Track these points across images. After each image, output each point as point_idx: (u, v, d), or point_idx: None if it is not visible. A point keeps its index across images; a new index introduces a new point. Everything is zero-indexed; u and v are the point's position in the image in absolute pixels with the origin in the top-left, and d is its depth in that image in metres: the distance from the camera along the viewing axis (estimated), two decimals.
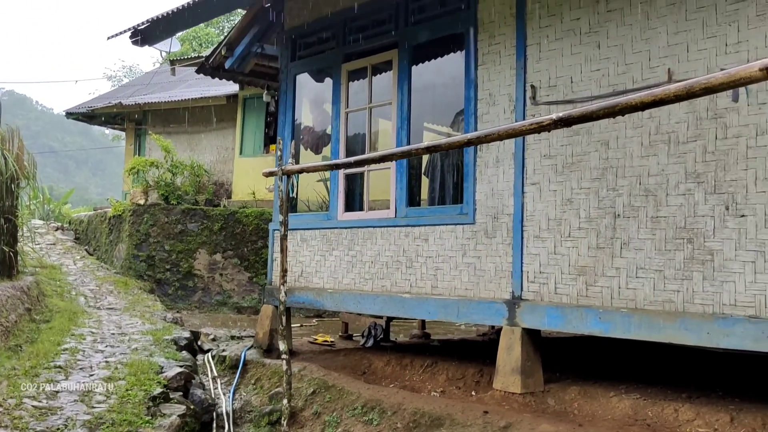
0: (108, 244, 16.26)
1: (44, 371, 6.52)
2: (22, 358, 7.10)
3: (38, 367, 6.62)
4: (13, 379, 6.22)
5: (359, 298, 7.35)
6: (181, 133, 19.57)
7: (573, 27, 5.79)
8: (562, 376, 6.32)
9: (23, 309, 9.02)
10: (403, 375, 7.18)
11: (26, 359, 7.04)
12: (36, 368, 6.58)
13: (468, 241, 6.44)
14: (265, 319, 8.35)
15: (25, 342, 7.96)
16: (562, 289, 5.69)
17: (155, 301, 12.84)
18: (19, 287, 9.35)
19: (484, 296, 6.26)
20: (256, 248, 15.05)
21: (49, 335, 8.21)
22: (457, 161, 7.26)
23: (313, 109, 9.69)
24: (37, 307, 9.84)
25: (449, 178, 7.53)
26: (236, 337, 10.74)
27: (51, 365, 6.74)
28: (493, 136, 3.16)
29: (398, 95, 7.21)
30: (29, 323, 8.87)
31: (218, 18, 37.70)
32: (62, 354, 7.29)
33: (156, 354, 7.61)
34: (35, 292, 10.12)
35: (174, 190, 15.83)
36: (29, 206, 14.63)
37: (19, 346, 7.75)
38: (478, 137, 3.43)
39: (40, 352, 7.23)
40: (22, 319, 8.71)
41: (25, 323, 8.73)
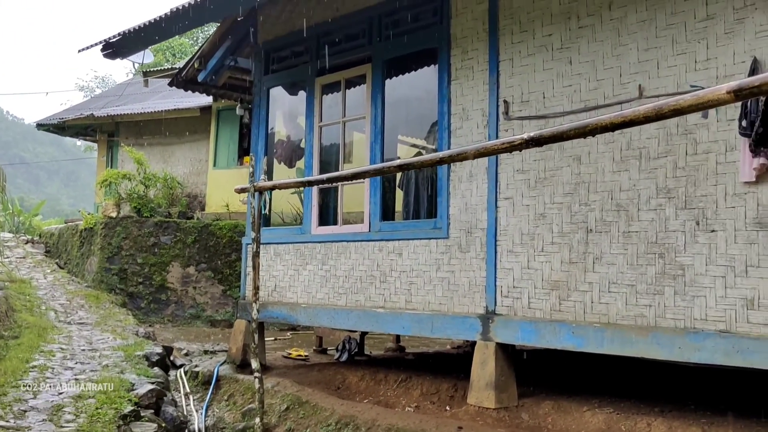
0: (79, 257, 16.06)
1: (12, 390, 6.40)
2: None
3: (6, 386, 6.50)
4: None
5: (333, 313, 7.32)
6: (154, 144, 19.43)
7: (545, 43, 5.83)
8: (536, 390, 6.33)
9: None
10: (377, 390, 7.15)
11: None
12: (3, 387, 6.46)
13: (442, 255, 6.44)
14: (238, 334, 8.28)
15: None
16: (536, 303, 5.71)
17: (127, 316, 12.69)
18: None
19: (458, 311, 6.26)
20: (230, 261, 14.95)
21: (18, 352, 8.07)
22: (431, 175, 7.27)
23: (287, 122, 9.66)
24: (6, 322, 9.68)
25: (423, 191, 7.54)
26: (209, 351, 10.64)
27: (19, 383, 6.62)
28: (465, 155, 3.16)
29: (372, 109, 7.21)
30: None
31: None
32: (31, 372, 7.17)
33: (127, 371, 7.52)
34: (4, 308, 9.96)
35: (147, 202, 15.69)
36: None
37: None
38: (450, 156, 3.43)
39: (8, 370, 7.10)
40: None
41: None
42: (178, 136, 19.27)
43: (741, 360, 4.50)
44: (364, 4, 7.32)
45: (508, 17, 6.10)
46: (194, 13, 7.01)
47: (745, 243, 4.57)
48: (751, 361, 4.45)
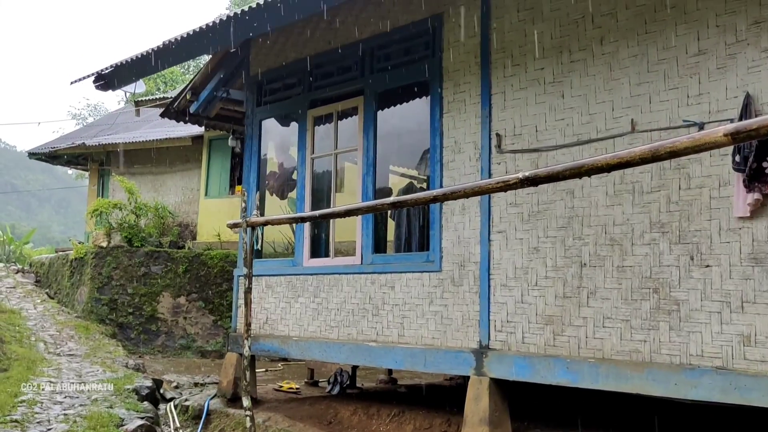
0: (70, 287, 15.93)
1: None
2: None
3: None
4: None
5: (325, 346, 7.25)
6: (145, 173, 19.39)
7: (537, 76, 5.85)
8: (530, 424, 6.26)
9: None
10: (369, 425, 7.06)
11: None
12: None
13: (435, 289, 6.40)
14: (229, 367, 8.19)
15: None
16: (530, 338, 5.67)
17: (117, 347, 12.55)
18: None
19: (451, 345, 6.20)
20: (221, 291, 14.85)
21: (6, 386, 7.95)
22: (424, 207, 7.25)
23: (279, 153, 9.65)
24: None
25: (416, 224, 7.52)
26: (200, 384, 10.53)
27: (7, 419, 6.51)
28: (459, 193, 3.14)
29: (364, 142, 7.21)
30: None
31: None
32: (19, 407, 7.06)
33: (116, 405, 7.41)
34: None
35: (138, 232, 15.60)
36: None
37: None
38: (444, 194, 3.41)
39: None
40: None
41: None
42: (169, 165, 19.24)
43: (739, 397, 4.45)
44: (356, 37, 7.35)
45: (500, 51, 6.13)
46: (186, 46, 7.03)
47: (740, 278, 4.55)
48: (749, 399, 4.41)
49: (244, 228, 5.07)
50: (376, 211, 3.78)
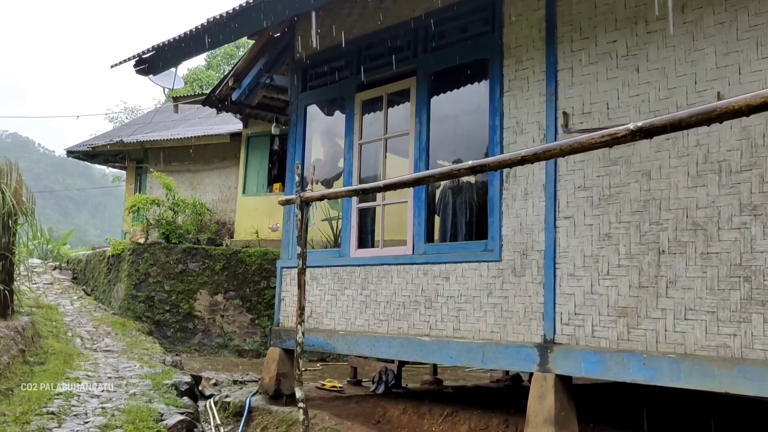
0: (106, 284, 15.78)
1: (36, 418, 6.02)
2: (12, 403, 6.60)
3: (30, 414, 6.13)
4: (2, 426, 5.72)
5: (374, 340, 6.87)
6: (182, 171, 19.23)
7: (609, 50, 5.43)
8: (596, 427, 5.82)
9: (17, 350, 8.53)
10: (420, 425, 6.67)
11: (17, 404, 6.55)
12: (27, 414, 6.09)
13: (494, 279, 5.99)
14: (271, 363, 7.85)
15: (17, 385, 7.46)
16: (601, 332, 5.23)
17: (154, 344, 12.32)
18: (13, 327, 8.88)
19: (512, 340, 5.78)
20: (259, 289, 14.56)
21: (43, 378, 7.71)
22: (480, 194, 6.85)
23: (324, 142, 9.30)
24: (32, 348, 9.35)
25: (470, 212, 7.11)
26: (239, 381, 10.23)
27: (43, 411, 6.24)
28: (554, 151, 2.75)
29: (416, 125, 6.83)
30: (22, 365, 8.37)
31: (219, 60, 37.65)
32: (56, 399, 6.79)
33: (155, 400, 7.11)
34: (30, 333, 9.64)
35: (175, 228, 15.40)
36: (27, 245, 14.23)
37: (10, 389, 7.26)
38: (534, 154, 3.01)
39: (32, 397, 6.73)
40: (15, 360, 8.22)
41: (18, 365, 8.24)
42: (206, 162, 19.07)
43: None
44: (408, 15, 6.98)
45: (566, 24, 5.71)
46: (231, 23, 6.72)
47: None
48: None
49: (298, 204, 4.71)
50: (451, 177, 3.42)
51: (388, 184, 4.00)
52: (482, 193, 6.53)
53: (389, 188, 4.01)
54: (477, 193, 7.43)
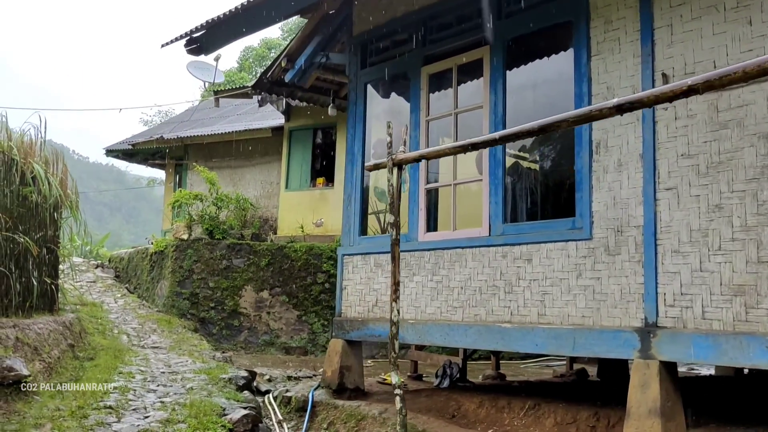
0: (149, 281, 15.50)
1: (93, 412, 5.67)
2: (67, 398, 6.26)
3: (86, 408, 5.77)
4: (59, 422, 5.37)
5: (447, 329, 6.41)
6: (223, 167, 18.93)
7: (715, 3, 4.91)
8: (699, 419, 5.30)
9: (66, 345, 8.21)
10: (500, 419, 6.20)
11: (72, 398, 6.20)
12: (84, 409, 5.73)
13: (583, 259, 5.50)
14: (334, 356, 7.43)
15: (69, 380, 7.12)
16: (713, 313, 4.72)
17: (201, 341, 11.99)
18: (61, 322, 8.57)
19: (606, 324, 5.29)
20: (305, 285, 14.16)
21: (96, 373, 7.38)
22: (566, 168, 6.36)
23: (386, 121, 8.80)
24: (80, 343, 9.04)
25: (554, 187, 6.62)
26: (293, 377, 9.82)
27: (101, 405, 5.89)
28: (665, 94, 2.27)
29: (491, 96, 6.37)
30: (72, 360, 8.05)
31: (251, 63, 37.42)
32: (112, 393, 6.43)
33: (215, 394, 6.72)
34: (77, 329, 9.33)
35: (218, 224, 15.06)
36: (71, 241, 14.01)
37: (62, 384, 6.92)
38: (639, 100, 2.53)
39: (87, 392, 6.38)
40: (65, 355, 7.90)
41: (68, 360, 7.91)
42: (248, 158, 18.76)
43: None
44: None
45: None
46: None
47: None
48: None
49: (390, 167, 4.26)
50: (591, 119, 2.96)
51: (506, 135, 3.52)
52: (566, 168, 6.03)
53: (505, 140, 3.55)
54: (569, 164, 6.91)
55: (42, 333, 7.49)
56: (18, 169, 8.21)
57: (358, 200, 7.63)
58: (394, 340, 4.21)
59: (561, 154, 6.72)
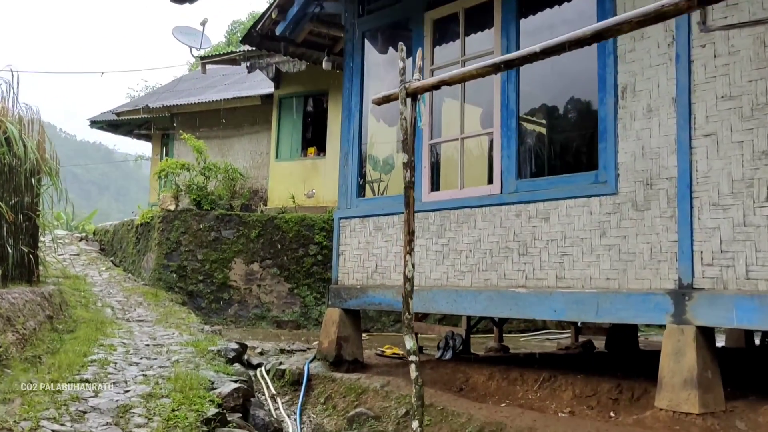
0: (135, 254, 14.94)
1: (68, 386, 5.13)
2: (41, 371, 5.72)
3: (61, 381, 5.24)
4: (29, 396, 4.85)
5: (455, 295, 5.91)
6: (211, 137, 18.28)
7: None
8: (738, 392, 4.83)
9: (44, 316, 7.67)
10: (513, 391, 5.72)
11: (46, 372, 5.66)
12: (58, 382, 5.20)
13: (608, 216, 5.00)
14: (330, 326, 6.93)
15: (45, 352, 6.59)
16: (758, 272, 4.22)
17: (189, 314, 11.47)
18: (39, 293, 8.02)
19: (634, 287, 4.80)
20: (297, 257, 13.61)
21: (74, 345, 6.85)
22: (585, 116, 5.84)
23: (385, 74, 8.24)
24: (60, 316, 8.50)
25: (572, 138, 6.10)
26: (286, 350, 9.34)
27: (76, 379, 5.36)
28: None
29: (503, 41, 5.82)
30: (50, 332, 7.51)
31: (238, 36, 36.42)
32: (90, 366, 5.91)
33: (202, 367, 6.20)
34: (58, 300, 8.79)
35: (207, 194, 14.47)
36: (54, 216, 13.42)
37: (38, 357, 6.38)
38: None
39: (62, 364, 5.85)
40: (42, 327, 7.36)
41: (45, 332, 7.38)
42: (237, 127, 18.15)
43: None
44: None
45: None
46: None
47: None
48: None
49: (402, 99, 3.72)
50: (663, 17, 2.47)
51: (549, 47, 2.97)
52: (594, 114, 5.50)
53: (549, 53, 3.02)
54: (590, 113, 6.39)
55: (16, 303, 6.94)
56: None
57: (356, 159, 7.10)
58: (409, 299, 3.69)
59: (579, 102, 6.18)
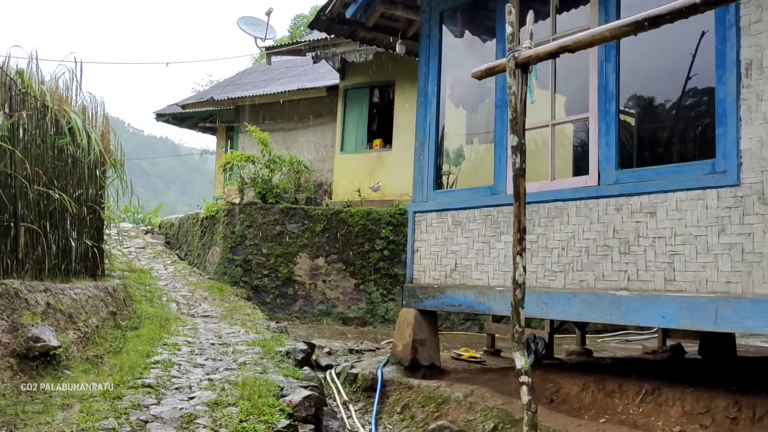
0: (200, 247, 14.77)
1: (129, 391, 4.80)
2: (101, 373, 5.43)
3: (122, 386, 4.91)
4: (88, 402, 4.52)
5: (545, 298, 5.37)
6: (275, 130, 18.03)
7: None
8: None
9: (107, 312, 7.42)
10: (611, 405, 5.15)
11: (107, 374, 5.36)
12: (119, 388, 4.87)
13: (728, 211, 4.39)
14: (405, 328, 6.46)
15: (107, 352, 6.32)
16: None
17: (255, 309, 11.16)
18: (103, 288, 7.78)
19: (762, 292, 4.18)
20: (363, 252, 13.20)
21: (137, 344, 6.55)
22: (701, 99, 5.22)
23: (465, 57, 7.70)
24: (124, 312, 8.26)
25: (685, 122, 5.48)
26: (355, 350, 8.93)
27: (138, 383, 5.01)
28: None
29: (600, 13, 5.24)
30: (113, 329, 7.25)
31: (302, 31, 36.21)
32: (153, 368, 5.57)
33: (270, 370, 5.81)
34: (122, 296, 8.56)
35: (272, 188, 14.16)
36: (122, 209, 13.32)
37: (100, 356, 6.11)
38: None
39: (124, 366, 5.54)
40: (105, 324, 7.10)
41: (108, 329, 7.12)
42: (301, 120, 17.85)
43: None
44: None
45: None
46: None
47: None
48: None
49: (511, 70, 3.20)
50: None
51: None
52: (700, 99, 4.89)
53: (713, 4, 2.49)
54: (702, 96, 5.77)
55: (79, 299, 6.69)
56: (52, 117, 7.38)
57: (433, 148, 6.60)
58: (519, 308, 3.18)
59: (690, 81, 5.53)
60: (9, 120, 6.20)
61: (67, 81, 7.77)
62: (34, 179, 6.85)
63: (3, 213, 6.12)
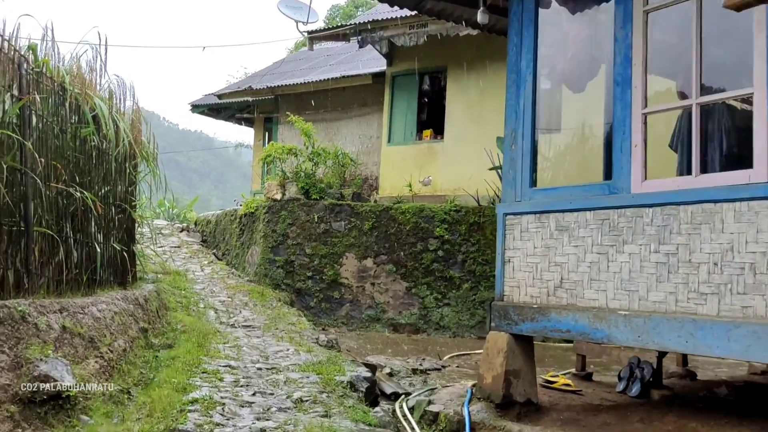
0: (239, 247, 13.74)
1: None
2: (128, 418, 4.35)
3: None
4: None
5: (691, 327, 4.16)
6: (317, 120, 16.89)
7: None
8: None
9: (137, 330, 6.39)
10: None
11: (134, 419, 4.28)
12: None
13: None
14: (495, 355, 5.29)
15: (136, 383, 5.27)
16: None
17: (300, 317, 10.11)
18: (133, 299, 6.77)
19: None
20: (415, 252, 12.04)
21: (171, 372, 5.49)
22: None
23: (569, 24, 6.41)
24: (157, 325, 7.24)
25: None
26: (418, 370, 7.78)
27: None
28: None
29: None
30: (144, 350, 6.23)
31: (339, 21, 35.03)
32: (190, 411, 4.48)
33: (334, 411, 4.69)
34: (155, 306, 7.54)
35: (315, 182, 13.05)
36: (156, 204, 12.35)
37: (126, 391, 5.05)
38: None
39: (156, 408, 4.47)
40: (134, 344, 6.07)
41: (138, 350, 6.09)
42: (344, 109, 16.72)
43: None
44: None
45: None
46: None
47: None
48: None
49: None
50: None
51: None
52: None
53: None
54: None
55: (103, 317, 5.64)
56: (73, 103, 6.33)
57: (528, 136, 5.41)
58: None
59: None
60: (18, 103, 5.13)
61: (90, 61, 6.70)
62: (51, 175, 5.81)
63: (10, 216, 5.06)
